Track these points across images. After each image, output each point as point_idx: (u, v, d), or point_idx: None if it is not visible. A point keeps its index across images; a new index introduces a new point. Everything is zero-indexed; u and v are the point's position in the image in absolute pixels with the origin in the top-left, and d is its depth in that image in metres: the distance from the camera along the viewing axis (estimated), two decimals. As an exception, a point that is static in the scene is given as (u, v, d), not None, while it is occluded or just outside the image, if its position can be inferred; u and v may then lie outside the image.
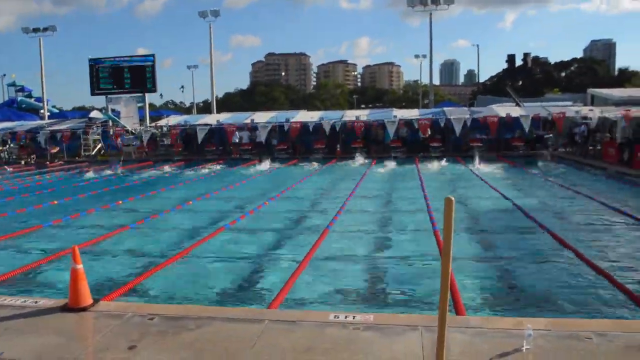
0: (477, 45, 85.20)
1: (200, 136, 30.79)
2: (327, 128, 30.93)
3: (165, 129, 34.50)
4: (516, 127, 28.44)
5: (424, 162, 25.43)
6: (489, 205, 13.88)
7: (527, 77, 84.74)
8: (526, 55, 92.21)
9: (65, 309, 6.03)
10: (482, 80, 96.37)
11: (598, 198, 14.13)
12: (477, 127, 30.00)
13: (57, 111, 54.48)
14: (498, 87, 73.61)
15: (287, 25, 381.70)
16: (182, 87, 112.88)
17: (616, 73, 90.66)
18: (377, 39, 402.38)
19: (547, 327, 5.16)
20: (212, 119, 36.99)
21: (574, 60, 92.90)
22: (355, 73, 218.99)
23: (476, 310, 6.45)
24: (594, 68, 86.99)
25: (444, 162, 25.11)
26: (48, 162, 30.11)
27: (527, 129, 28.54)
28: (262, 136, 30.77)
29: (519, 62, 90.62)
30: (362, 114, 36.16)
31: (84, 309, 6.00)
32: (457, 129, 28.31)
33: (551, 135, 28.74)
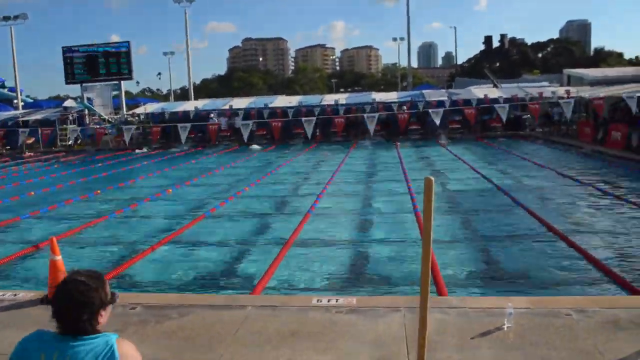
0: (455, 28, 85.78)
1: (183, 136, 30.14)
2: (305, 116, 30.83)
3: (141, 117, 34.08)
4: (494, 109, 28.63)
5: (403, 146, 25.50)
6: (468, 185, 14.01)
7: (504, 58, 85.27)
8: (503, 36, 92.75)
9: (45, 301, 5.96)
10: (459, 62, 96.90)
11: (570, 174, 14.43)
12: (456, 111, 30.12)
13: (32, 101, 53.41)
14: (476, 69, 74.05)
15: (263, 9, 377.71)
16: (159, 74, 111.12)
17: (592, 53, 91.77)
18: (353, 22, 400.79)
19: (527, 305, 5.24)
20: (190, 105, 36.68)
21: (550, 41, 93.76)
22: (334, 57, 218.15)
23: (457, 290, 6.52)
24: (570, 49, 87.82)
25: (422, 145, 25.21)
26: (23, 153, 29.59)
27: (504, 110, 28.69)
28: (241, 125, 30.46)
29: (495, 43, 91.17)
30: (341, 98, 36.16)
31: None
32: (437, 120, 28.33)
33: (528, 115, 28.99)
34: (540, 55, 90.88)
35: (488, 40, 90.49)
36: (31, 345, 2.07)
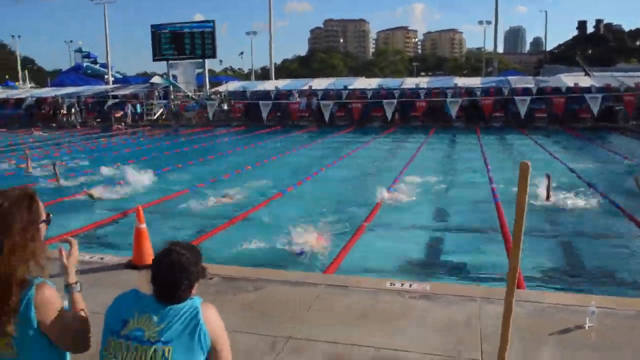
0: (545, 12, 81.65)
1: (264, 112, 30.74)
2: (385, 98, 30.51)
3: (224, 94, 34.86)
4: (584, 99, 27.08)
5: (484, 133, 24.71)
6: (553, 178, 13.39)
7: (598, 45, 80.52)
8: (598, 22, 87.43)
9: (129, 265, 6.27)
10: (549, 48, 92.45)
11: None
12: (543, 99, 28.80)
13: (121, 77, 55.91)
14: (567, 56, 70.42)
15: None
16: (242, 53, 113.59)
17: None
18: (434, 4, 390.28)
19: (612, 305, 4.97)
20: (271, 84, 37.12)
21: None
22: (416, 40, 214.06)
23: (537, 285, 6.29)
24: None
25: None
26: (112, 126, 31.09)
27: (596, 101, 27.03)
28: (322, 105, 30.52)
29: (590, 29, 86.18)
30: (422, 82, 35.47)
31: (147, 267, 6.21)
32: (522, 110, 27.19)
33: (622, 107, 27.24)
34: (638, 43, 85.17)
35: (582, 25, 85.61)
36: (126, 303, 2.21)
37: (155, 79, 39.40)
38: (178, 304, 2.14)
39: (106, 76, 49.01)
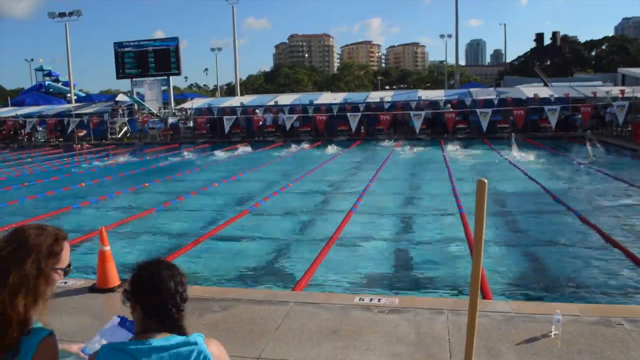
0: (504, 25, 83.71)
1: (227, 125, 30.70)
2: (350, 111, 30.76)
3: (190, 112, 34.65)
4: (543, 109, 27.80)
5: (448, 144, 25.05)
6: (514, 187, 13.68)
7: (556, 56, 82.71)
8: (555, 34, 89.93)
9: (93, 289, 6.14)
10: (509, 60, 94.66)
11: (626, 179, 13.87)
12: (504, 110, 29.41)
13: (84, 95, 55.07)
14: (526, 67, 72.16)
15: (307, 4, 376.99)
16: (206, 69, 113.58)
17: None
18: (396, 18, 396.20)
19: (577, 312, 5.07)
20: (236, 101, 37.09)
21: (605, 38, 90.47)
22: (380, 54, 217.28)
23: (503, 294, 6.38)
24: (626, 47, 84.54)
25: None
26: (75, 145, 30.52)
27: (555, 112, 27.72)
28: (285, 120, 30.63)
29: (547, 41, 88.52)
30: (387, 95, 35.93)
31: (112, 290, 6.10)
32: (484, 123, 27.72)
33: (579, 116, 28.06)
34: (594, 53, 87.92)
35: (539, 37, 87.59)
36: (115, 356, 1.89)
37: (121, 97, 38.92)
38: (171, 337, 1.89)
39: (68, 95, 48.19)
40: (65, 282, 6.39)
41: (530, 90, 33.09)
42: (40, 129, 33.77)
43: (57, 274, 1.94)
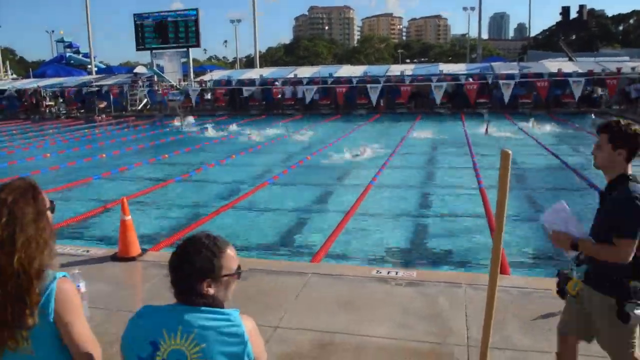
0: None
1: (247, 99, 30.62)
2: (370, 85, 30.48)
3: (209, 84, 34.61)
4: (567, 84, 27.25)
5: (469, 119, 24.76)
6: (536, 163, 13.52)
7: (581, 30, 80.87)
8: (581, 7, 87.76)
9: (115, 258, 6.24)
10: (533, 34, 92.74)
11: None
12: (526, 84, 28.92)
13: (104, 67, 55.26)
14: (550, 42, 70.81)
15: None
16: (226, 41, 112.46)
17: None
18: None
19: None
20: (256, 73, 36.95)
21: (634, 12, 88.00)
22: (401, 27, 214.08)
23: (520, 270, 6.36)
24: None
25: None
26: (96, 117, 30.76)
27: (578, 86, 27.15)
28: (305, 92, 30.44)
29: (573, 14, 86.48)
30: (407, 69, 35.50)
31: (133, 259, 6.20)
32: (506, 95, 27.24)
33: (604, 92, 27.48)
34: (621, 28, 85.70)
35: (565, 11, 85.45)
36: (147, 322, 1.92)
37: (140, 69, 38.95)
38: (207, 309, 1.90)
39: (89, 66, 48.40)
40: (88, 251, 6.52)
41: (554, 65, 32.43)
42: (62, 100, 34.03)
43: (49, 215, 2.02)
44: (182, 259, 1.91)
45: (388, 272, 5.63)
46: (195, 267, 1.89)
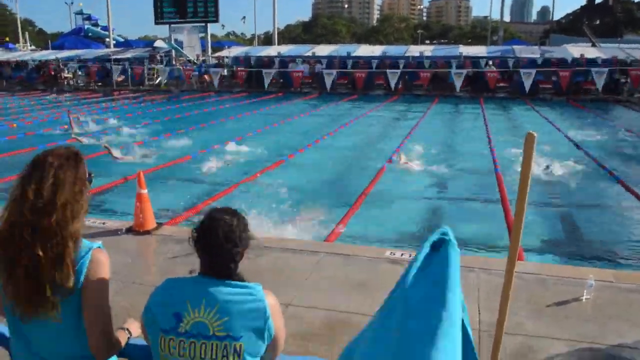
0: (554, -21, 79.87)
1: (267, 79, 30.39)
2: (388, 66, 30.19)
3: (227, 60, 34.49)
4: (589, 71, 26.71)
5: (488, 103, 24.47)
6: (553, 150, 13.35)
7: (606, 15, 79.28)
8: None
9: (130, 231, 6.30)
10: (556, 18, 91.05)
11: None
12: (547, 71, 28.39)
13: (122, 40, 55.25)
14: (574, 26, 69.49)
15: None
16: (244, 17, 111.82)
17: None
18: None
19: (611, 278, 5.00)
20: (274, 50, 36.76)
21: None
22: (421, 7, 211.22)
23: (535, 256, 6.33)
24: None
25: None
26: (113, 90, 30.85)
27: (602, 75, 26.49)
28: (325, 74, 30.14)
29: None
30: (427, 50, 35.10)
31: (148, 232, 6.26)
32: (527, 84, 26.75)
33: (628, 80, 26.91)
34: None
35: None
36: (170, 294, 1.97)
37: (158, 43, 38.87)
38: (234, 285, 1.94)
39: (107, 39, 48.43)
40: (104, 224, 6.58)
41: (576, 50, 31.82)
42: (80, 72, 34.17)
43: (87, 184, 2.08)
44: (222, 234, 1.93)
45: (402, 254, 5.63)
46: (233, 238, 1.94)
